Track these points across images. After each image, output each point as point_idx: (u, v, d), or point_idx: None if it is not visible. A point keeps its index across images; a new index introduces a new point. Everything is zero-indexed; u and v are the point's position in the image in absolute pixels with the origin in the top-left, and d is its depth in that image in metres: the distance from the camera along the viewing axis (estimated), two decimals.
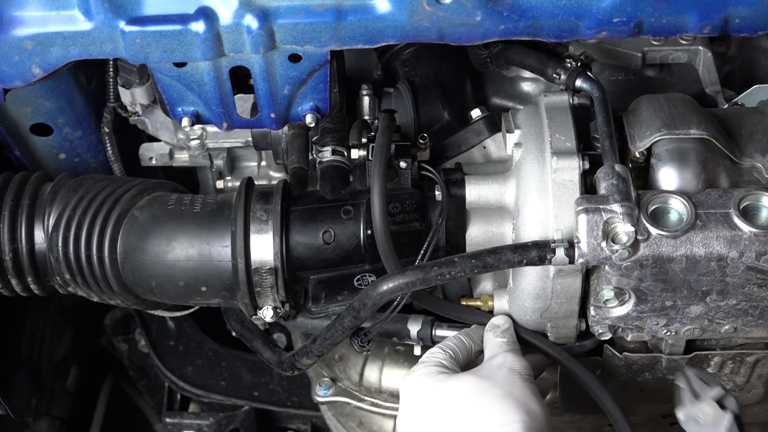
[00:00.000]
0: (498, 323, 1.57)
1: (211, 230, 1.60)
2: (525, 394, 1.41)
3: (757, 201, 1.46)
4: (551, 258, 1.45)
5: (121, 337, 2.51)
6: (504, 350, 1.50)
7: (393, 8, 1.45)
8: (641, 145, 1.55)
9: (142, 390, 2.60)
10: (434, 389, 1.44)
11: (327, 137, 1.70)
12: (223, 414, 2.39)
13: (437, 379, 1.45)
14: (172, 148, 2.00)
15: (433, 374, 1.46)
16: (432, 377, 1.45)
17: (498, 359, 1.48)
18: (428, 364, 1.49)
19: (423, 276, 1.46)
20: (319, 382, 1.96)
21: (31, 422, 2.26)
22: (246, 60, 1.50)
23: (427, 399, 1.43)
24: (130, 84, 1.80)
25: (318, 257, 1.61)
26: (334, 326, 1.56)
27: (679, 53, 1.82)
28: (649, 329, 1.55)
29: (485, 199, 1.63)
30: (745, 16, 1.48)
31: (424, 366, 1.49)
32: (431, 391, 1.44)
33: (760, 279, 1.46)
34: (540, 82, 1.84)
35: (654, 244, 1.43)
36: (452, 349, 1.53)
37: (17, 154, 1.93)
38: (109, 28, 1.46)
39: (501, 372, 1.45)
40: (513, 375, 1.44)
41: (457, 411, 1.39)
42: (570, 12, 1.46)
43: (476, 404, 1.39)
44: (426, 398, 1.43)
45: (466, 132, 1.71)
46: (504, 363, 1.47)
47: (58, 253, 1.62)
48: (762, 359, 1.69)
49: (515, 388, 1.41)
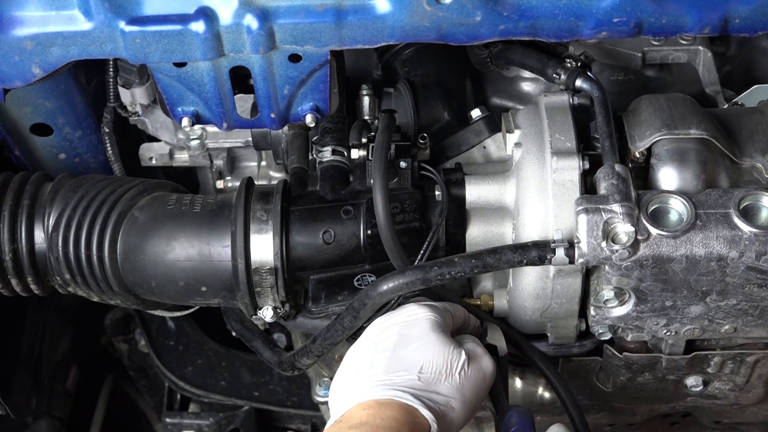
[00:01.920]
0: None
1: (211, 230, 1.60)
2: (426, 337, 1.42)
3: (757, 201, 1.46)
4: (551, 258, 1.45)
5: (121, 337, 2.51)
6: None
7: (393, 8, 1.45)
8: (641, 145, 1.55)
9: (142, 390, 2.60)
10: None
11: (327, 137, 1.70)
12: (223, 414, 2.39)
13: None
14: (172, 148, 2.00)
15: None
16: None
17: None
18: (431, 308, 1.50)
19: (423, 276, 1.46)
20: (319, 382, 1.96)
21: (31, 422, 2.26)
22: (246, 60, 1.50)
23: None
24: (130, 84, 1.80)
25: (318, 257, 1.61)
26: (334, 326, 1.56)
27: (679, 53, 1.82)
28: (649, 329, 1.55)
29: (485, 199, 1.63)
30: (745, 16, 1.48)
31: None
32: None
33: (760, 279, 1.46)
34: (540, 82, 1.84)
35: (654, 244, 1.43)
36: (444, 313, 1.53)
37: (17, 154, 1.93)
38: (109, 28, 1.46)
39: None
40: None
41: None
42: (570, 12, 1.46)
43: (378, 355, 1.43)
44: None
45: (466, 132, 1.71)
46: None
47: (58, 253, 1.62)
48: (762, 359, 1.69)
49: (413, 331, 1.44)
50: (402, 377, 1.38)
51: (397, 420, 1.33)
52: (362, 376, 1.40)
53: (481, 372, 1.44)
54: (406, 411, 1.34)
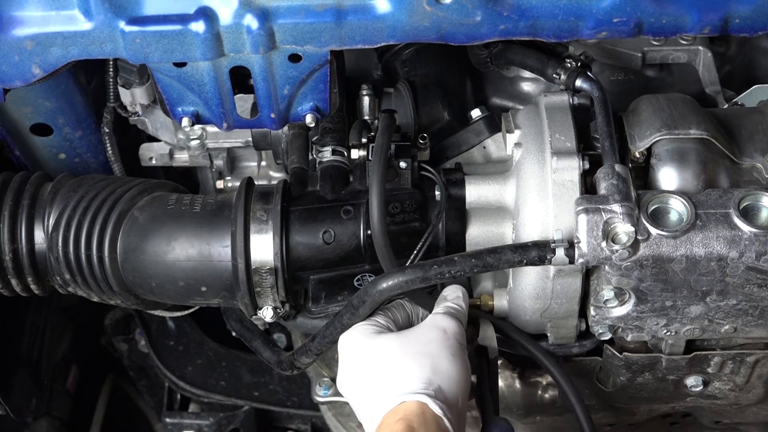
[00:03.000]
0: (446, 294, 1.56)
1: (211, 230, 1.60)
2: (441, 352, 1.43)
3: (757, 201, 1.46)
4: (551, 258, 1.45)
5: (121, 337, 2.51)
6: (439, 312, 1.51)
7: (393, 8, 1.45)
8: (641, 145, 1.55)
9: (142, 390, 2.60)
10: (365, 345, 1.48)
11: (327, 137, 1.70)
12: (223, 414, 2.39)
13: (369, 337, 1.48)
14: (172, 148, 2.00)
15: (367, 332, 1.49)
16: (365, 335, 1.49)
17: (429, 319, 1.50)
18: (365, 323, 1.51)
19: (422, 274, 1.46)
20: (319, 382, 1.96)
21: (31, 422, 2.26)
22: (246, 60, 1.50)
23: (358, 355, 1.48)
24: (130, 84, 1.80)
25: (318, 257, 1.61)
26: (333, 324, 1.56)
27: (679, 53, 1.82)
28: (649, 329, 1.55)
29: (485, 199, 1.63)
30: (745, 16, 1.48)
31: (361, 325, 1.51)
32: (362, 347, 1.48)
33: (760, 279, 1.46)
34: (540, 82, 1.84)
35: (654, 244, 1.43)
36: (392, 312, 1.55)
37: (17, 154, 1.93)
38: (109, 28, 1.46)
39: (427, 330, 1.47)
40: (437, 333, 1.46)
41: (378, 365, 1.44)
42: (570, 12, 1.46)
43: (394, 359, 1.43)
44: (357, 354, 1.48)
45: (466, 132, 1.71)
46: (433, 322, 1.49)
47: (58, 253, 1.62)
48: (762, 359, 1.69)
49: (432, 346, 1.43)
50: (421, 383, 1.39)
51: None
52: (394, 381, 1.40)
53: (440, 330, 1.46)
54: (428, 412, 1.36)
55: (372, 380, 1.43)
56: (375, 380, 1.43)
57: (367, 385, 1.44)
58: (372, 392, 1.42)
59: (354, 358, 1.48)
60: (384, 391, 1.40)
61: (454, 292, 1.56)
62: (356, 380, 1.46)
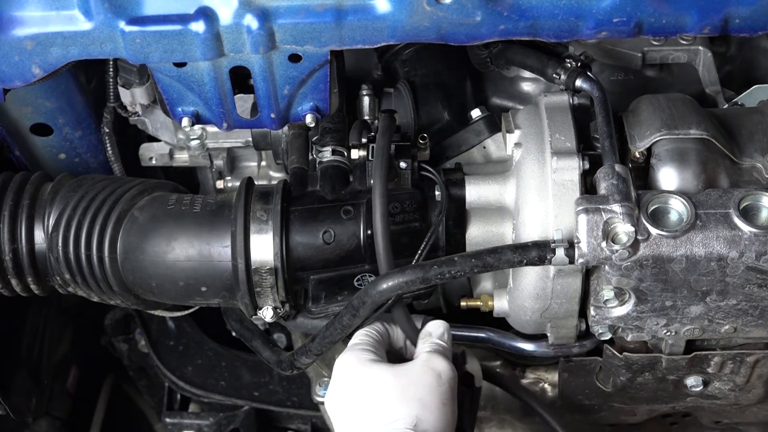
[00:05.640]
0: (431, 330, 1.54)
1: (211, 230, 1.60)
2: (432, 399, 1.42)
3: (757, 201, 1.46)
4: (551, 258, 1.45)
5: (121, 337, 2.51)
6: (431, 350, 1.50)
7: (393, 8, 1.45)
8: (641, 145, 1.55)
9: (142, 390, 2.60)
10: (359, 373, 1.47)
11: (327, 137, 1.70)
12: (223, 414, 2.39)
13: (365, 364, 1.47)
14: (172, 148, 2.00)
15: (363, 359, 1.48)
16: (361, 362, 1.48)
17: (423, 357, 1.48)
18: (361, 347, 1.50)
19: (423, 275, 1.46)
20: (319, 382, 1.96)
21: (31, 422, 2.26)
22: (246, 60, 1.50)
23: (351, 381, 1.47)
24: (130, 84, 1.80)
25: (318, 257, 1.61)
26: (333, 324, 1.56)
27: (679, 53, 1.82)
28: (649, 329, 1.55)
29: (485, 199, 1.63)
30: (745, 16, 1.48)
31: (357, 349, 1.50)
32: (357, 374, 1.47)
33: (760, 279, 1.46)
34: (540, 82, 1.84)
35: (654, 244, 1.43)
36: (382, 334, 1.54)
37: (17, 154, 1.93)
38: (109, 28, 1.46)
39: (422, 373, 1.45)
40: (432, 379, 1.44)
41: (369, 397, 1.43)
42: (570, 12, 1.46)
43: (385, 395, 1.42)
44: (350, 380, 1.47)
45: (466, 132, 1.71)
46: (429, 364, 1.46)
47: (58, 253, 1.62)
48: (762, 359, 1.69)
49: (426, 391, 1.43)
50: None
51: None
52: (382, 417, 1.41)
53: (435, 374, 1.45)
54: None
55: (360, 410, 1.43)
56: (363, 410, 1.43)
57: (355, 413, 1.43)
58: (358, 421, 1.43)
59: (346, 383, 1.46)
60: (370, 424, 1.41)
61: (438, 328, 1.54)
62: (345, 405, 1.45)
